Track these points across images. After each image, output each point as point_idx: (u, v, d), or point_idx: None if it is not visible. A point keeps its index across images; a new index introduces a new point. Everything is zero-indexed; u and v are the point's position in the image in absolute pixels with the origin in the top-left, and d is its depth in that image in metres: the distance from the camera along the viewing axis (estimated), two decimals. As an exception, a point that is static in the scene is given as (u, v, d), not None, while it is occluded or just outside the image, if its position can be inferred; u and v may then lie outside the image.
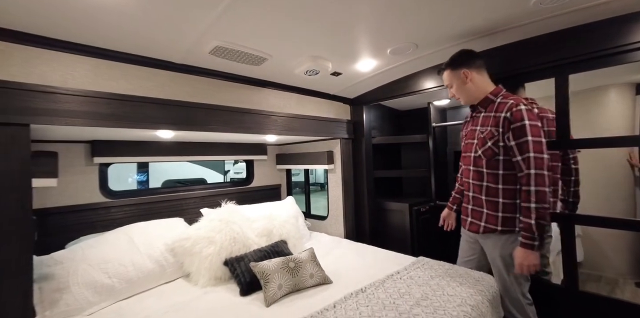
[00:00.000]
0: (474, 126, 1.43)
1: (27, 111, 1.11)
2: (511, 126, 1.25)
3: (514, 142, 1.25)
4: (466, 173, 1.48)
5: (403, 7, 1.22)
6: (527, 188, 1.21)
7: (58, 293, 1.26)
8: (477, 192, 1.41)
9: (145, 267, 1.51)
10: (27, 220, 1.09)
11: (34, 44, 1.15)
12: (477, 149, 1.38)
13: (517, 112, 1.23)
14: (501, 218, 1.32)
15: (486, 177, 1.36)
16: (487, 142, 1.32)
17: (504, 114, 1.27)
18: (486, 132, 1.33)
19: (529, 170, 1.20)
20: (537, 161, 1.19)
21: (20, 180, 1.08)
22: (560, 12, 1.27)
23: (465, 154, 1.49)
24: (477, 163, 1.39)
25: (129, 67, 1.39)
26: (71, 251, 1.44)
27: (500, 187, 1.32)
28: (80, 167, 1.83)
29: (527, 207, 1.20)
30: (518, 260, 1.23)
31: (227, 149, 2.48)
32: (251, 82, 1.85)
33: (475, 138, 1.40)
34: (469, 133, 1.46)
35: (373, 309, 1.20)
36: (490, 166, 1.34)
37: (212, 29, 1.26)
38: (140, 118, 1.38)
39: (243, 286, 1.44)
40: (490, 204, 1.36)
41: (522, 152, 1.23)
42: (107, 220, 1.90)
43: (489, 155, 1.33)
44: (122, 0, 1.03)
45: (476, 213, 1.43)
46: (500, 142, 1.29)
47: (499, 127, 1.28)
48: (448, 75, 1.44)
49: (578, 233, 2.42)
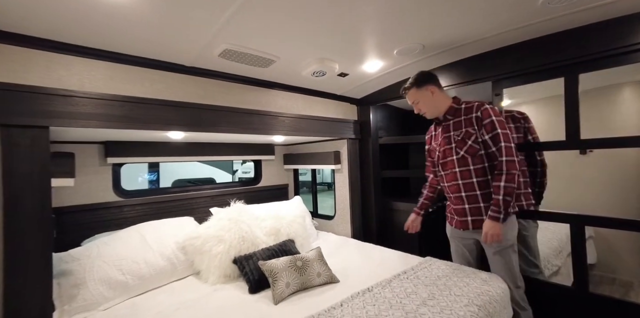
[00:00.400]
0: (446, 133, 1.58)
1: (47, 114, 1.16)
2: (483, 123, 1.45)
3: (487, 136, 1.44)
4: (451, 177, 1.57)
5: (409, 8, 1.23)
6: (499, 172, 1.40)
7: (75, 288, 1.32)
8: (469, 189, 1.51)
9: (157, 265, 1.55)
10: (47, 218, 1.14)
11: (54, 49, 1.20)
12: (459, 151, 1.52)
13: (485, 110, 1.45)
14: (492, 202, 1.42)
15: (474, 173, 1.49)
16: (467, 141, 1.49)
17: (475, 114, 1.47)
18: (463, 133, 1.50)
19: (502, 158, 1.40)
20: (507, 150, 1.40)
21: (40, 180, 1.13)
22: (569, 12, 1.26)
23: (445, 160, 1.60)
24: (462, 163, 1.52)
25: (142, 70, 1.44)
26: (87, 248, 1.49)
27: (488, 178, 1.47)
28: (94, 167, 1.89)
29: (497, 185, 1.39)
30: (485, 230, 1.40)
31: (236, 149, 2.52)
32: (259, 84, 1.88)
33: (452, 142, 1.55)
34: (443, 141, 1.60)
35: (380, 308, 1.21)
36: (476, 162, 1.48)
37: (222, 33, 1.30)
38: (152, 119, 1.42)
39: (252, 284, 1.47)
40: (485, 196, 1.48)
41: (495, 143, 1.42)
42: (119, 218, 1.96)
43: (473, 152, 1.48)
44: (137, 8, 1.07)
45: (475, 210, 1.51)
46: (479, 138, 1.46)
47: (473, 125, 1.47)
48: (414, 93, 1.58)
49: (591, 234, 2.39)
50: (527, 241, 1.79)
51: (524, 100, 2.46)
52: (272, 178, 2.88)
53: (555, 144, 1.55)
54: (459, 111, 1.55)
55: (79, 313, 1.27)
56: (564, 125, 1.50)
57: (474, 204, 1.50)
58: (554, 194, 2.06)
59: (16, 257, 1.07)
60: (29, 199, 1.10)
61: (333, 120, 2.31)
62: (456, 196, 1.56)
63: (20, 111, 1.10)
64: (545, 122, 2.06)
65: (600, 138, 1.45)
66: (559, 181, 2.31)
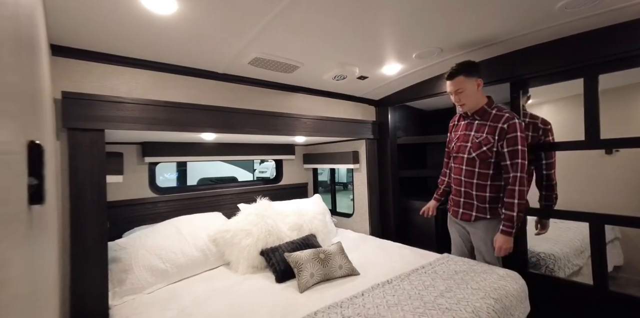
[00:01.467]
0: (467, 131, 1.63)
1: (102, 118, 1.32)
2: (507, 136, 1.47)
3: (506, 149, 1.47)
4: (458, 171, 1.68)
5: (428, 14, 1.30)
6: (512, 187, 1.46)
7: (124, 273, 1.48)
8: (468, 187, 1.63)
9: (192, 255, 1.70)
10: (104, 211, 1.30)
11: (108, 61, 1.37)
12: (472, 152, 1.58)
13: (512, 124, 1.47)
14: (489, 209, 1.58)
15: (477, 176, 1.59)
16: (483, 147, 1.54)
17: (501, 124, 1.49)
18: (482, 138, 1.55)
19: (516, 173, 1.45)
20: (522, 166, 1.45)
21: (98, 176, 1.29)
22: (587, 15, 1.29)
23: (457, 154, 1.68)
24: (469, 163, 1.61)
25: (180, 77, 1.58)
26: (131, 239, 1.66)
27: (488, 183, 1.57)
28: (133, 165, 2.07)
29: (511, 202, 1.45)
30: (498, 244, 1.49)
31: (259, 149, 2.66)
32: (283, 88, 2.00)
33: (469, 141, 1.61)
34: (462, 136, 1.66)
35: (399, 298, 1.29)
36: (483, 167, 1.56)
37: (253, 43, 1.42)
38: (189, 122, 1.56)
39: (278, 274, 1.58)
40: (479, 198, 1.60)
41: (512, 158, 1.46)
42: (154, 213, 2.13)
43: (483, 157, 1.55)
44: (181, 23, 1.21)
45: (468, 205, 1.65)
46: (494, 147, 1.51)
47: (495, 135, 1.50)
48: (461, 81, 1.52)
49: (617, 236, 2.35)
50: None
51: (545, 100, 2.45)
52: (292, 177, 3.00)
53: (575, 144, 1.57)
54: (488, 115, 1.55)
55: (128, 295, 1.43)
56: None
57: (468, 200, 1.64)
58: (577, 194, 2.06)
59: (80, 245, 1.23)
60: (89, 193, 1.26)
61: (352, 121, 2.40)
62: (456, 188, 1.71)
63: (82, 116, 1.26)
64: (566, 121, 2.06)
65: (621, 138, 1.46)
66: (582, 181, 2.29)
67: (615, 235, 2.34)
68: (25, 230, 0.32)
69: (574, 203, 1.84)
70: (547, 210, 1.73)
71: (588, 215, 1.55)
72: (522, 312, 1.40)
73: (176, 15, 1.14)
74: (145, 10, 1.10)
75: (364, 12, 1.24)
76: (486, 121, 1.55)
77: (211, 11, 1.14)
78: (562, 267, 1.89)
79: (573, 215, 1.63)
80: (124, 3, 1.05)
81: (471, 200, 1.62)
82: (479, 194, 1.59)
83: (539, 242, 2.01)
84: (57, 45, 1.25)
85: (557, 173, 1.81)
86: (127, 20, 1.15)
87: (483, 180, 1.57)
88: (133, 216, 2.04)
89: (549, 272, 1.81)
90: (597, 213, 1.53)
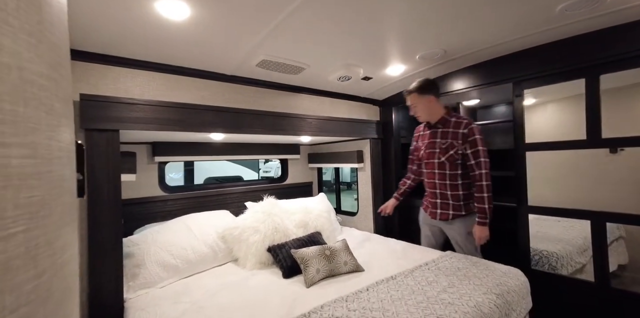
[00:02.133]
0: (434, 139, 1.83)
1: (117, 119, 1.37)
2: (468, 139, 1.69)
3: (470, 151, 1.69)
4: (431, 175, 1.86)
5: (431, 16, 1.33)
6: (480, 183, 1.67)
7: (137, 268, 1.54)
8: (442, 189, 1.81)
9: (202, 251, 1.75)
10: (119, 208, 1.36)
11: (122, 64, 1.42)
12: (441, 157, 1.78)
13: (471, 129, 1.69)
14: (463, 206, 1.77)
15: (449, 177, 1.78)
16: (450, 151, 1.75)
17: (462, 130, 1.71)
18: (448, 144, 1.76)
19: (481, 170, 1.66)
20: (485, 164, 1.67)
21: (113, 175, 1.35)
22: (588, 17, 1.31)
23: (428, 161, 1.86)
24: (440, 167, 1.80)
25: (190, 79, 1.64)
26: (143, 235, 1.72)
27: (459, 182, 1.76)
28: (143, 165, 2.14)
29: (481, 196, 1.66)
30: (478, 234, 1.68)
31: (265, 149, 2.71)
32: (289, 89, 2.05)
33: (437, 148, 1.80)
34: (430, 144, 1.85)
35: (403, 293, 1.33)
36: (452, 168, 1.76)
37: (261, 46, 1.46)
38: (199, 123, 1.62)
39: (285, 270, 1.63)
40: (454, 197, 1.78)
41: (475, 158, 1.68)
42: (164, 211, 2.19)
43: (451, 160, 1.75)
44: (193, 28, 1.26)
45: (444, 205, 1.82)
46: (460, 150, 1.71)
47: (458, 139, 1.72)
48: (415, 97, 1.78)
49: (621, 235, 2.35)
50: None
51: (549, 99, 2.47)
52: (297, 176, 3.05)
53: (576, 143, 1.59)
54: (449, 123, 1.78)
55: (142, 289, 1.49)
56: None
57: (444, 200, 1.81)
58: (582, 193, 2.08)
59: (97, 240, 1.29)
60: (106, 191, 1.32)
61: (357, 121, 2.44)
62: (431, 191, 1.88)
63: (98, 117, 1.32)
64: (570, 120, 2.07)
65: (623, 137, 1.48)
66: (587, 180, 2.30)
67: (620, 234, 2.35)
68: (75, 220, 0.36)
69: (579, 202, 1.86)
70: (550, 209, 1.75)
71: (589, 213, 1.58)
72: (524, 308, 1.44)
73: (188, 20, 1.19)
74: (160, 16, 1.15)
75: (368, 15, 1.28)
76: (448, 128, 1.77)
77: (222, 16, 1.19)
78: (564, 264, 1.91)
79: (574, 213, 1.65)
80: (140, 9, 1.10)
81: (447, 200, 1.80)
82: (454, 194, 1.78)
83: (542, 240, 2.03)
84: (75, 49, 1.31)
85: (563, 172, 1.85)
86: (143, 26, 1.21)
87: (454, 180, 1.77)
88: (144, 214, 2.11)
89: (551, 269, 1.83)
90: (598, 211, 1.56)
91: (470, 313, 1.17)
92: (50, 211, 0.25)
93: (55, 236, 0.26)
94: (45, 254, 0.24)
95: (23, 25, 0.22)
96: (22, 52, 0.22)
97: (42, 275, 0.23)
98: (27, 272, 0.22)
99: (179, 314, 1.25)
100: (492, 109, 2.77)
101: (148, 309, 1.30)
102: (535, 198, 1.82)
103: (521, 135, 1.78)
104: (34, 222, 0.23)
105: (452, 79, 2.08)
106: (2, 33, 0.20)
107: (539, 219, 2.15)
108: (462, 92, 2.05)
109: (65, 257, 0.28)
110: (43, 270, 0.23)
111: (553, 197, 1.99)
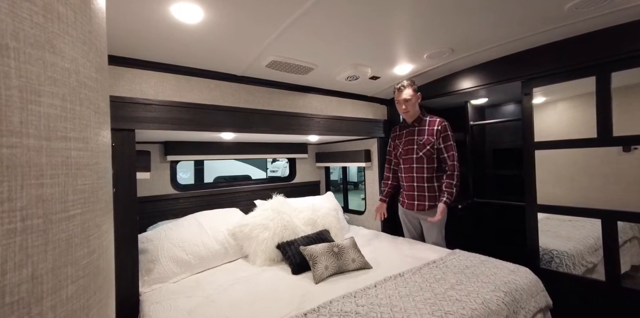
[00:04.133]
0: (411, 137, 2.05)
1: (133, 119, 1.42)
2: (441, 135, 1.94)
3: (443, 145, 1.94)
4: (409, 170, 2.06)
5: (439, 16, 1.34)
6: (451, 173, 1.92)
7: (152, 263, 1.59)
8: (420, 182, 2.01)
9: (213, 248, 1.80)
10: (135, 205, 1.41)
11: (137, 66, 1.47)
12: (419, 152, 2.00)
13: (444, 126, 1.95)
14: (438, 196, 1.96)
15: (426, 170, 1.98)
16: (427, 146, 1.97)
17: (436, 127, 1.95)
18: (425, 140, 1.98)
19: (452, 162, 1.92)
20: (455, 156, 1.93)
21: (129, 173, 1.40)
22: (598, 14, 1.31)
23: (406, 157, 2.07)
24: (418, 161, 2.00)
25: (201, 80, 1.68)
26: (156, 232, 1.77)
27: (434, 175, 1.99)
28: (156, 163, 2.20)
29: (450, 182, 1.91)
30: (440, 210, 1.88)
31: (273, 148, 2.75)
32: (298, 89, 2.08)
33: (414, 144, 2.02)
34: (408, 141, 2.07)
35: (410, 290, 1.35)
36: (429, 162, 1.97)
37: (270, 47, 1.50)
38: (211, 122, 1.66)
39: (294, 266, 1.66)
40: (430, 189, 1.99)
41: (447, 151, 1.93)
42: (176, 209, 2.25)
43: (428, 154, 1.97)
44: (205, 31, 1.30)
45: (422, 197, 2.01)
46: (435, 145, 1.94)
47: (433, 135, 1.95)
48: (410, 92, 1.95)
49: (635, 235, 2.32)
50: None
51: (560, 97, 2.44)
52: (305, 175, 3.08)
53: (586, 142, 1.58)
54: (424, 121, 2.01)
55: (156, 283, 1.54)
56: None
57: (420, 192, 2.01)
58: (593, 192, 2.05)
59: (115, 236, 1.34)
60: (122, 189, 1.37)
61: (364, 120, 2.46)
62: (409, 185, 2.07)
63: (115, 117, 1.37)
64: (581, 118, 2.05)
65: (635, 135, 1.46)
66: (600, 179, 2.27)
67: (634, 234, 2.31)
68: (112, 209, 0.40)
69: (592, 201, 1.84)
70: (559, 207, 1.74)
71: (600, 211, 1.57)
72: (534, 306, 1.43)
73: (201, 23, 1.23)
74: (175, 20, 1.19)
75: (377, 15, 1.30)
76: (424, 126, 2.00)
77: (233, 19, 1.23)
78: (576, 263, 1.89)
79: (584, 211, 1.64)
80: (156, 13, 1.14)
81: (423, 192, 2.00)
82: (429, 185, 1.99)
83: (552, 239, 2.02)
84: (93, 52, 1.37)
85: (575, 171, 1.85)
86: (157, 29, 1.25)
87: (430, 172, 1.98)
88: (156, 211, 2.17)
89: (561, 268, 1.82)
90: (609, 209, 1.54)
91: (477, 309, 1.18)
92: (97, 198, 0.28)
93: (101, 221, 0.30)
94: (95, 236, 0.27)
95: (79, 35, 0.25)
96: (78, 59, 0.25)
97: (93, 253, 0.27)
98: (83, 249, 0.25)
99: (192, 307, 1.29)
100: (501, 108, 2.76)
101: (163, 302, 1.35)
102: (546, 196, 1.81)
103: (530, 133, 1.78)
104: (87, 206, 0.26)
105: (460, 78, 2.08)
106: (64, 42, 0.23)
107: (550, 219, 2.14)
108: (470, 90, 2.05)
109: (108, 241, 0.32)
110: (93, 249, 0.27)
111: (565, 196, 1.98)
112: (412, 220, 2.18)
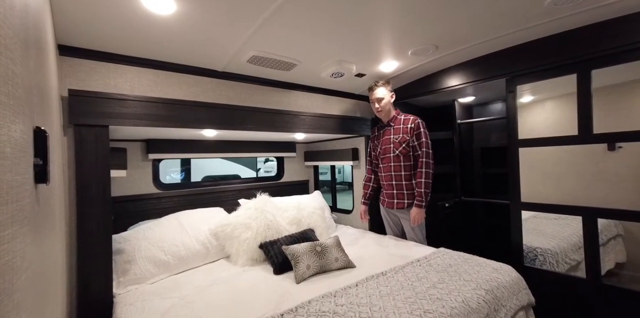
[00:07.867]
0: (388, 136, 2.07)
1: (107, 115, 1.37)
2: (415, 132, 1.96)
3: (416, 142, 1.96)
4: (387, 169, 2.07)
5: (422, 11, 1.33)
6: (421, 170, 1.92)
7: (128, 264, 1.54)
8: (398, 180, 2.02)
9: (194, 248, 1.75)
10: (108, 202, 1.36)
11: (112, 60, 1.43)
12: (395, 150, 2.02)
13: (417, 123, 1.97)
14: (416, 194, 1.93)
15: (403, 168, 2.00)
16: (402, 144, 1.99)
17: (410, 125, 1.98)
18: (400, 138, 2.00)
19: (423, 159, 1.92)
20: (428, 154, 1.93)
21: (102, 170, 1.35)
22: (577, 11, 1.30)
23: (385, 156, 2.09)
24: (396, 159, 2.02)
25: (181, 75, 1.64)
26: (135, 231, 1.72)
27: (411, 172, 1.99)
28: (137, 162, 2.14)
29: (420, 181, 1.91)
30: (413, 215, 1.91)
31: (260, 147, 2.70)
32: (282, 86, 2.04)
33: (391, 143, 2.04)
34: (385, 141, 2.08)
35: (392, 289, 1.33)
36: (406, 160, 1.99)
37: (250, 41, 1.46)
38: (190, 119, 1.61)
39: (276, 266, 1.63)
40: (408, 186, 2.00)
41: (420, 148, 1.94)
42: (158, 208, 2.19)
43: (405, 152, 1.99)
44: (181, 24, 1.26)
45: (400, 195, 2.03)
46: (410, 143, 1.97)
47: (408, 133, 1.97)
48: (384, 91, 1.98)
49: (619, 233, 2.34)
50: None
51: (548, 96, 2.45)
52: (293, 174, 3.05)
53: (567, 139, 1.58)
54: (399, 120, 2.03)
55: (132, 284, 1.49)
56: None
57: (400, 191, 2.02)
58: (578, 190, 2.06)
59: (86, 235, 1.29)
60: (94, 186, 1.32)
61: (351, 118, 2.43)
62: (388, 183, 2.08)
63: (87, 113, 1.32)
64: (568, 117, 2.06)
65: (614, 132, 1.47)
66: (586, 177, 2.28)
67: (619, 231, 2.33)
68: (33, 204, 0.36)
69: (577, 199, 1.85)
70: (541, 205, 1.74)
71: (581, 209, 1.57)
72: (515, 304, 1.42)
73: (175, 15, 1.19)
74: (146, 11, 1.15)
75: (359, 9, 1.27)
76: (399, 125, 2.02)
77: (208, 11, 1.19)
78: (559, 261, 1.90)
79: (566, 209, 1.64)
80: (125, 4, 1.10)
81: (402, 190, 2.01)
82: (408, 183, 2.00)
83: (536, 237, 2.02)
84: (64, 45, 1.32)
85: (561, 169, 1.85)
86: (129, 21, 1.21)
87: (408, 170, 2.00)
88: (138, 211, 2.11)
89: (545, 266, 1.82)
90: (590, 206, 1.55)
91: (457, 308, 1.16)
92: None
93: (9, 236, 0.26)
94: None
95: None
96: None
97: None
98: None
99: (166, 309, 1.25)
100: (489, 106, 2.76)
101: (136, 304, 1.30)
102: (532, 194, 1.81)
103: (514, 131, 1.77)
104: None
105: (446, 76, 2.08)
106: None
107: (536, 217, 2.15)
108: (456, 88, 2.05)
109: (30, 255, 0.28)
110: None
111: (552, 194, 1.99)
112: (393, 218, 2.20)
